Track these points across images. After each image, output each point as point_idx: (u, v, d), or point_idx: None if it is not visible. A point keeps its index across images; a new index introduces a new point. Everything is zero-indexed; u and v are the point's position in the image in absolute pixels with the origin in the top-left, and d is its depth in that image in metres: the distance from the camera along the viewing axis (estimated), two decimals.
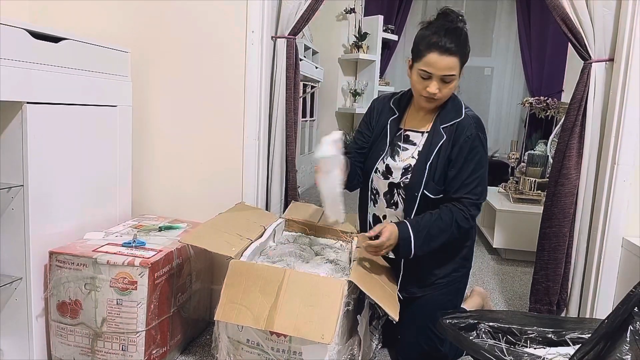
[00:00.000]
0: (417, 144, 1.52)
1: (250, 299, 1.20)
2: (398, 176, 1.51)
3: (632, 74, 1.54)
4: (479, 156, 1.44)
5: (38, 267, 1.41)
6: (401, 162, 1.52)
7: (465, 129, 1.45)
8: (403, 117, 1.58)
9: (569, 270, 1.75)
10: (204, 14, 1.79)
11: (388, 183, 1.54)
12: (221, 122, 1.83)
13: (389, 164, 1.54)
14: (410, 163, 1.50)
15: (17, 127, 1.31)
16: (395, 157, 1.54)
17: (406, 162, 1.51)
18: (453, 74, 1.40)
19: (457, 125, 1.46)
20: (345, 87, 4.96)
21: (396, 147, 1.55)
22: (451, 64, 1.38)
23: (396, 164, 1.53)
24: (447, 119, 1.48)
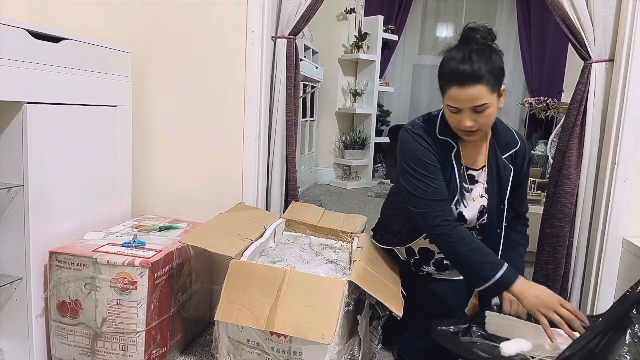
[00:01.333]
0: (480, 181, 1.40)
1: (250, 299, 1.20)
2: (473, 221, 1.40)
3: (632, 74, 1.54)
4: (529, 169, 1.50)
5: (38, 267, 1.41)
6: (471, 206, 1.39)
7: (526, 153, 1.45)
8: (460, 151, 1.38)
9: (569, 270, 1.75)
10: (204, 14, 1.79)
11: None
12: (221, 122, 1.83)
13: (461, 210, 1.38)
14: (482, 204, 1.39)
15: (17, 127, 1.31)
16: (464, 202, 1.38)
17: (477, 204, 1.39)
18: (484, 104, 1.22)
19: (517, 153, 1.43)
20: (345, 87, 4.96)
21: (462, 189, 1.38)
22: (476, 94, 1.21)
23: (467, 209, 1.38)
24: (506, 147, 1.39)
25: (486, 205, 1.38)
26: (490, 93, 1.22)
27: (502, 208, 1.39)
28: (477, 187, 1.40)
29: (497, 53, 1.27)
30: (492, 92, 1.23)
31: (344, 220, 1.81)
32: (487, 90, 1.21)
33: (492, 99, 1.23)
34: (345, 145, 4.93)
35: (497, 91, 1.25)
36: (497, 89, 1.24)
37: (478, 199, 1.38)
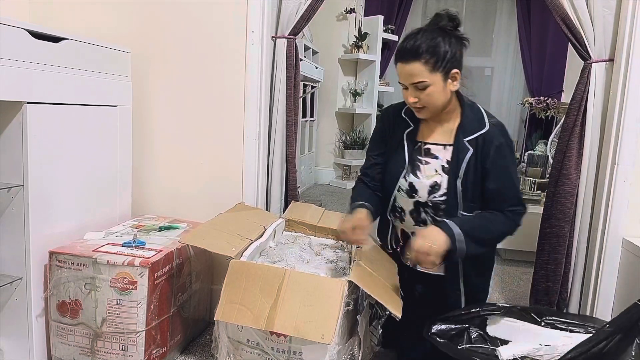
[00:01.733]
0: (440, 158, 1.42)
1: (250, 299, 1.20)
2: (425, 195, 1.41)
3: (632, 74, 1.54)
4: (510, 164, 1.37)
5: (38, 267, 1.41)
6: (425, 179, 1.41)
7: (494, 139, 1.35)
8: (419, 130, 1.46)
9: (569, 270, 1.75)
10: (204, 14, 1.79)
11: (414, 202, 1.44)
12: (221, 122, 1.83)
13: (412, 181, 1.42)
14: (436, 180, 1.40)
15: (17, 127, 1.31)
16: (417, 173, 1.43)
17: (431, 179, 1.41)
18: (421, 81, 1.28)
19: (483, 137, 1.36)
20: (345, 87, 4.96)
21: (416, 162, 1.44)
22: (414, 71, 1.28)
23: (420, 181, 1.42)
24: (470, 130, 1.38)
25: (439, 182, 1.39)
26: (429, 72, 1.28)
27: (455, 190, 1.37)
28: (435, 163, 1.41)
29: (448, 36, 1.30)
30: (433, 72, 1.28)
31: None
32: (425, 69, 1.27)
33: (434, 79, 1.29)
34: (345, 145, 4.93)
35: (442, 72, 1.29)
36: (440, 69, 1.28)
37: (434, 175, 1.41)
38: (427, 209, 1.43)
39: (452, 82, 1.34)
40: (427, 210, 1.43)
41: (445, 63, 1.29)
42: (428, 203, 1.41)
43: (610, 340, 0.96)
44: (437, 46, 1.28)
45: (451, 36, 1.32)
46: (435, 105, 1.35)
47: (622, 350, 0.94)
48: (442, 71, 1.29)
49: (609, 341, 0.96)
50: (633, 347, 0.93)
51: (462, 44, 1.35)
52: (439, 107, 1.36)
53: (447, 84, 1.32)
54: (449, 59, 1.29)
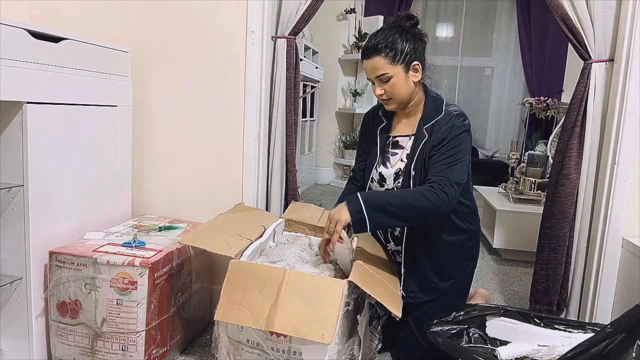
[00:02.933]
0: (405, 147, 1.52)
1: (250, 299, 1.20)
2: (391, 182, 1.52)
3: (632, 74, 1.54)
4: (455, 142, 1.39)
5: (38, 267, 1.41)
6: (392, 167, 1.53)
7: (445, 122, 1.43)
8: (392, 125, 1.59)
9: (569, 270, 1.75)
10: (204, 14, 1.79)
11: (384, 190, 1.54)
12: (221, 122, 1.83)
13: (381, 171, 1.55)
14: (400, 167, 1.51)
15: (17, 127, 1.31)
16: (387, 164, 1.55)
17: (396, 166, 1.52)
18: (384, 73, 1.41)
19: (438, 122, 1.45)
20: (345, 87, 4.96)
21: (386, 154, 1.56)
22: (376, 65, 1.41)
23: (388, 170, 1.54)
24: (429, 118, 1.47)
25: (402, 168, 1.50)
26: (390, 64, 1.40)
27: (410, 174, 1.45)
28: (401, 153, 1.53)
29: (405, 32, 1.42)
30: (393, 64, 1.40)
31: None
32: (385, 62, 1.40)
33: (395, 71, 1.41)
34: (345, 145, 4.93)
35: (402, 64, 1.41)
36: (400, 61, 1.40)
37: (398, 162, 1.52)
38: None
39: (414, 74, 1.45)
40: None
41: (404, 55, 1.41)
42: (394, 189, 1.51)
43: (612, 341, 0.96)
44: (394, 41, 1.40)
45: (408, 32, 1.43)
46: (400, 96, 1.45)
47: (622, 352, 0.93)
48: (402, 63, 1.41)
49: (609, 342, 0.96)
50: (634, 348, 0.93)
51: (422, 39, 1.46)
52: (404, 97, 1.47)
53: (409, 75, 1.44)
54: (408, 52, 1.41)
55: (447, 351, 1.20)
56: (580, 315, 1.74)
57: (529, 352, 1.15)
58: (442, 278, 1.52)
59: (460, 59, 5.36)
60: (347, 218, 1.31)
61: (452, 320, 1.30)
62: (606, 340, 0.96)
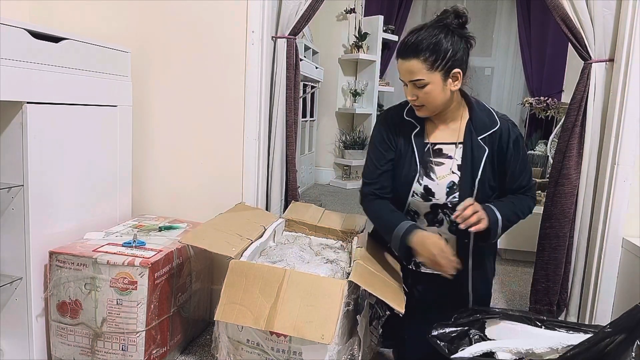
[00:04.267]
0: (454, 157, 1.38)
1: (250, 299, 1.20)
2: (442, 196, 1.37)
3: (632, 74, 1.54)
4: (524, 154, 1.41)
5: (38, 267, 1.41)
6: (441, 179, 1.37)
7: (509, 133, 1.35)
8: (425, 130, 1.42)
9: (569, 270, 1.75)
10: (204, 14, 1.79)
11: (430, 205, 1.40)
12: (221, 122, 1.83)
13: (427, 184, 1.38)
14: (453, 180, 1.36)
15: (17, 127, 1.31)
16: (432, 175, 1.38)
17: (447, 179, 1.37)
18: (419, 79, 1.26)
19: (498, 134, 1.35)
20: (345, 87, 4.96)
21: (429, 164, 1.39)
22: (411, 68, 1.26)
23: (435, 183, 1.37)
24: (483, 128, 1.36)
25: (456, 182, 1.36)
26: (427, 71, 1.25)
27: (472, 188, 1.34)
28: (449, 163, 1.38)
29: (452, 34, 1.27)
30: (431, 70, 1.25)
31: (344, 220, 1.80)
32: (423, 67, 1.25)
33: (432, 78, 1.26)
34: (345, 145, 4.93)
35: (442, 72, 1.26)
36: (440, 68, 1.25)
37: (449, 174, 1.37)
38: (445, 210, 1.39)
39: (452, 82, 1.30)
40: (445, 212, 1.40)
41: (446, 62, 1.26)
42: (447, 204, 1.37)
43: (611, 341, 0.96)
44: (437, 44, 1.25)
45: (455, 34, 1.28)
46: (434, 105, 1.32)
47: (622, 351, 0.93)
48: (442, 70, 1.26)
49: (609, 342, 0.96)
50: (634, 348, 0.93)
51: (468, 42, 1.32)
52: (438, 106, 1.33)
53: (447, 84, 1.29)
54: (450, 58, 1.26)
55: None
56: (580, 314, 1.74)
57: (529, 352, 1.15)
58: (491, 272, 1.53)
59: None
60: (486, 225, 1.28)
61: (453, 323, 1.30)
62: (606, 340, 0.96)
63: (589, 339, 1.00)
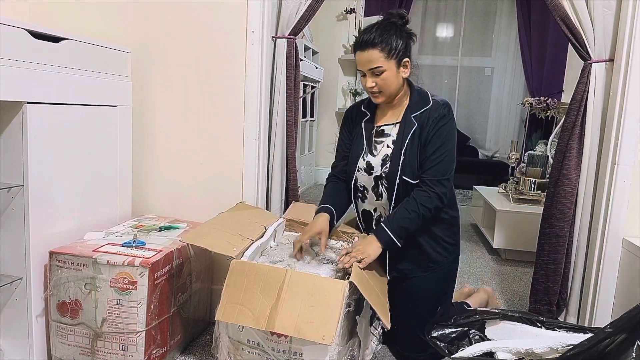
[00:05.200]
0: (391, 135, 1.57)
1: (250, 299, 1.20)
2: (379, 169, 1.56)
3: (632, 74, 1.54)
4: (445, 134, 1.49)
5: (38, 267, 1.41)
6: (379, 155, 1.57)
7: (433, 112, 1.51)
8: (375, 117, 1.64)
9: (569, 270, 1.75)
10: (204, 14, 1.79)
11: (373, 177, 1.57)
12: (221, 122, 1.83)
13: (369, 160, 1.58)
14: (387, 153, 1.55)
15: (17, 127, 1.31)
16: (374, 152, 1.59)
17: (383, 153, 1.56)
18: (378, 66, 1.46)
19: (427, 111, 1.52)
20: (345, 87, 4.96)
21: (373, 143, 1.60)
22: (370, 57, 1.46)
23: (374, 157, 1.57)
24: (417, 108, 1.53)
25: (388, 154, 1.54)
26: (385, 59, 1.46)
27: (399, 159, 1.50)
28: (387, 140, 1.58)
29: (399, 30, 1.50)
30: (387, 58, 1.46)
31: (344, 220, 1.80)
32: (381, 56, 1.45)
33: (389, 65, 1.47)
34: None
35: (395, 59, 1.47)
36: (394, 57, 1.47)
37: (384, 149, 1.57)
38: (382, 181, 1.56)
39: (403, 70, 1.51)
40: (382, 182, 1.56)
41: (398, 52, 1.47)
42: (382, 175, 1.55)
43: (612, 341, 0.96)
44: (390, 37, 1.47)
45: (401, 30, 1.51)
46: (390, 90, 1.51)
47: (622, 351, 0.93)
48: (395, 58, 1.47)
49: (610, 342, 0.96)
50: (634, 348, 0.93)
51: (411, 38, 1.54)
52: (393, 91, 1.52)
53: (399, 71, 1.50)
54: (401, 49, 1.48)
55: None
56: (580, 314, 1.74)
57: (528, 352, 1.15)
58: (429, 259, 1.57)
59: (460, 59, 5.36)
60: (377, 254, 1.45)
61: (453, 324, 1.30)
62: (606, 340, 0.96)
63: (589, 339, 1.00)
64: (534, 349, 1.13)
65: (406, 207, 1.48)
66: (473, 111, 5.46)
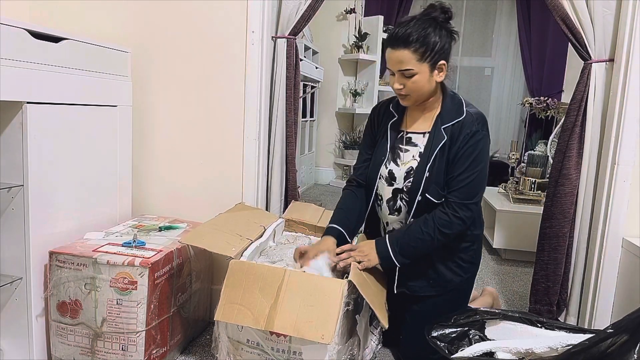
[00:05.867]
0: (419, 145, 1.45)
1: (250, 299, 1.21)
2: (401, 182, 1.45)
3: (632, 74, 1.54)
4: (476, 153, 1.36)
5: (38, 267, 1.41)
6: (403, 165, 1.46)
7: (466, 127, 1.37)
8: (403, 120, 1.51)
9: (569, 270, 1.75)
10: (204, 14, 1.79)
11: (392, 189, 1.48)
12: (221, 122, 1.83)
13: (391, 169, 1.47)
14: (412, 166, 1.44)
15: (17, 127, 1.31)
16: (397, 161, 1.47)
17: (408, 165, 1.45)
18: (409, 69, 1.33)
19: (459, 124, 1.39)
20: (345, 87, 4.96)
21: (397, 150, 1.49)
22: (401, 57, 1.32)
23: (399, 168, 1.46)
24: (448, 118, 1.40)
25: (414, 167, 1.43)
26: (417, 61, 1.32)
27: (424, 174, 1.39)
28: (414, 150, 1.46)
29: (439, 28, 1.33)
30: (421, 61, 1.32)
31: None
32: (413, 57, 1.31)
33: (421, 68, 1.33)
34: (345, 145, 4.93)
35: (429, 62, 1.33)
36: (428, 59, 1.33)
37: (411, 160, 1.45)
38: (402, 195, 1.45)
39: (438, 73, 1.37)
40: (402, 197, 1.45)
41: (434, 54, 1.33)
42: (403, 189, 1.44)
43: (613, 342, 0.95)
44: (427, 36, 1.31)
45: (442, 28, 1.35)
46: (419, 94, 1.39)
47: (624, 353, 0.93)
48: (430, 61, 1.33)
49: (611, 343, 0.96)
50: (636, 350, 0.93)
51: (452, 37, 1.38)
52: (423, 95, 1.40)
53: (433, 75, 1.36)
54: (438, 51, 1.33)
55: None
56: (580, 314, 1.74)
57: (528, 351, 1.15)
58: (442, 277, 1.48)
59: (460, 59, 5.36)
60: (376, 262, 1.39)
61: (453, 324, 1.30)
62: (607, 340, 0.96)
63: (590, 339, 1.00)
64: (534, 349, 1.13)
65: (422, 226, 1.35)
66: None
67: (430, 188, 1.38)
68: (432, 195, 1.39)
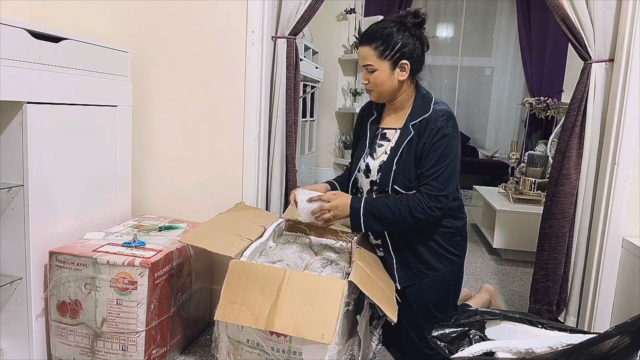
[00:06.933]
0: (391, 140, 1.53)
1: (250, 299, 1.21)
2: (375, 174, 1.53)
3: (632, 74, 1.54)
4: (442, 148, 1.41)
5: (38, 267, 1.41)
6: (377, 159, 1.55)
7: (431, 122, 1.43)
8: (381, 117, 1.61)
9: (569, 270, 1.75)
10: (204, 14, 1.79)
11: (369, 182, 1.56)
12: (221, 122, 1.83)
13: (368, 162, 1.56)
14: (383, 159, 1.52)
15: (17, 127, 1.31)
16: (374, 155, 1.56)
17: (380, 158, 1.53)
18: (369, 64, 1.43)
19: (425, 120, 1.45)
20: (345, 87, 4.96)
21: (374, 145, 1.58)
22: (364, 54, 1.43)
23: (374, 161, 1.55)
24: (416, 115, 1.48)
25: (385, 160, 1.51)
26: (377, 58, 1.42)
27: (392, 167, 1.46)
28: (386, 145, 1.54)
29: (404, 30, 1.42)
30: (380, 58, 1.42)
31: (344, 220, 1.80)
32: (374, 54, 1.42)
33: (381, 65, 1.42)
34: (345, 145, 4.93)
35: (389, 60, 1.42)
36: (388, 58, 1.41)
37: (383, 154, 1.53)
38: (375, 187, 1.54)
39: (400, 72, 1.44)
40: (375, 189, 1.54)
41: (394, 53, 1.41)
42: (376, 181, 1.53)
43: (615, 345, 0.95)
44: (389, 36, 1.41)
45: (407, 30, 1.43)
46: (380, 90, 1.47)
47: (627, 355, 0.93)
48: (390, 59, 1.42)
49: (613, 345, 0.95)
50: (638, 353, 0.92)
51: (420, 40, 1.46)
52: (386, 91, 1.48)
53: (394, 73, 1.44)
54: (398, 50, 1.41)
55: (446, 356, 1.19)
56: (580, 314, 1.74)
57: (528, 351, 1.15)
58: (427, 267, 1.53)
59: (460, 59, 5.36)
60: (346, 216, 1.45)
61: (453, 323, 1.30)
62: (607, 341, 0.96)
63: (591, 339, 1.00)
64: (534, 349, 1.13)
65: (396, 201, 1.41)
66: (473, 111, 5.46)
67: (398, 180, 1.46)
68: (400, 187, 1.46)
